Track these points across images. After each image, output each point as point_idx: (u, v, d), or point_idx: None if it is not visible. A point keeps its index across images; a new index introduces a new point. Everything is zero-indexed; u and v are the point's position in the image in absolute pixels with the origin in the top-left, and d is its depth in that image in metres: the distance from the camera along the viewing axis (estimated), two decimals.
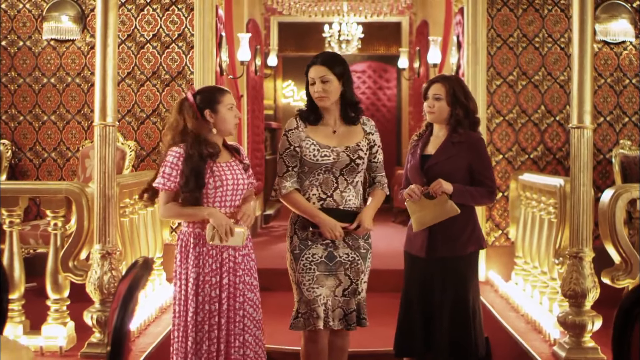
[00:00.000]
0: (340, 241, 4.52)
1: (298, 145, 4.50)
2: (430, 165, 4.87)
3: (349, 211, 4.53)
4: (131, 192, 6.37)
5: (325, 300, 4.50)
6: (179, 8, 7.98)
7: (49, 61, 8.07)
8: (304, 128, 4.54)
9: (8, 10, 8.10)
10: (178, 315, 4.50)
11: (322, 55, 4.59)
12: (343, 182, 4.51)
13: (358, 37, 13.48)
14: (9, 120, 8.09)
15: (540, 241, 6.67)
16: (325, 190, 4.51)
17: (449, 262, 4.86)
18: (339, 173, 4.50)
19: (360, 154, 4.52)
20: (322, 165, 4.48)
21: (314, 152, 4.48)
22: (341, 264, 4.53)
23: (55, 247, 5.58)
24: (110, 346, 3.04)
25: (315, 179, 4.51)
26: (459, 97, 4.87)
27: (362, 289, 4.62)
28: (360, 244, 4.59)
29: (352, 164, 4.50)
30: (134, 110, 7.99)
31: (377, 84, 16.12)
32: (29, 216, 7.73)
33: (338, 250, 4.53)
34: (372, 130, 4.65)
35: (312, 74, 4.52)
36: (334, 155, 4.48)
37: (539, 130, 7.93)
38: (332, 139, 4.54)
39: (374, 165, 4.66)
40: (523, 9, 7.91)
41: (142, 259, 3.34)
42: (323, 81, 4.47)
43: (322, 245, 4.52)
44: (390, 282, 7.63)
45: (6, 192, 5.59)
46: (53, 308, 5.59)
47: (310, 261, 4.50)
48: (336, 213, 4.49)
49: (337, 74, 4.49)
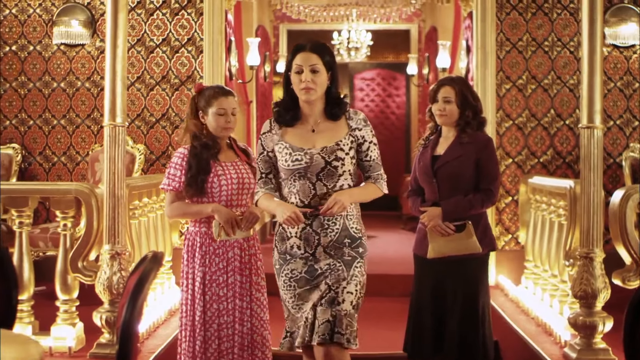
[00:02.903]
0: (321, 253, 4.00)
1: (271, 150, 4.08)
2: (440, 165, 4.86)
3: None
4: (140, 194, 6.38)
5: (306, 314, 4.02)
6: (188, 13, 8.00)
7: (59, 66, 8.09)
8: (278, 130, 4.08)
9: (18, 15, 8.13)
10: (185, 315, 4.50)
11: (312, 43, 4.05)
12: (322, 188, 3.98)
13: (367, 45, 13.49)
14: (19, 124, 8.11)
15: (551, 244, 6.64)
16: (303, 198, 3.98)
17: (460, 263, 4.82)
18: (315, 178, 3.98)
19: (338, 154, 3.97)
20: (295, 171, 3.99)
21: (286, 157, 4.00)
22: (322, 275, 4.02)
23: (64, 248, 5.59)
24: (119, 340, 3.04)
25: (292, 185, 4.01)
26: (468, 99, 4.88)
27: (344, 299, 3.96)
28: (344, 252, 4.03)
29: (328, 167, 3.96)
30: (144, 114, 8.00)
31: (386, 91, 16.12)
32: (39, 220, 7.75)
33: (319, 263, 4.02)
34: (359, 125, 4.07)
35: (300, 60, 3.98)
36: (307, 159, 3.96)
37: (549, 134, 7.91)
38: (309, 139, 4.02)
39: (366, 165, 4.11)
40: (532, 13, 7.90)
41: (151, 253, 3.34)
42: (313, 71, 3.96)
43: (302, 259, 4.02)
44: (399, 287, 7.64)
45: (16, 192, 5.61)
46: (62, 309, 5.59)
47: (289, 277, 4.05)
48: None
49: (327, 64, 4.00)
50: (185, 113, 4.76)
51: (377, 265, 8.49)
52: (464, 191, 4.83)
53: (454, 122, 4.90)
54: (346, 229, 4.04)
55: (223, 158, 4.53)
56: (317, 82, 3.97)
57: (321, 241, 4.01)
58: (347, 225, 4.05)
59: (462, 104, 4.85)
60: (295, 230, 4.01)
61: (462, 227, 4.79)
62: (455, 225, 4.78)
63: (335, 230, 4.02)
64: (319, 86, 3.98)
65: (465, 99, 4.86)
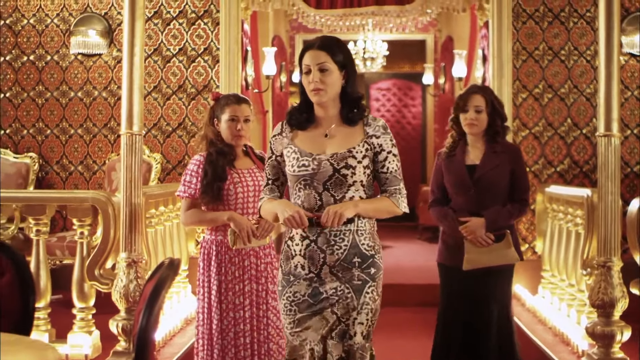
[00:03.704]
0: (326, 273, 3.54)
1: (280, 154, 3.68)
2: (479, 175, 4.76)
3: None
4: (157, 202, 6.39)
5: (312, 345, 3.59)
6: (204, 22, 8.03)
7: (76, 75, 8.13)
8: (289, 133, 3.68)
9: (36, 25, 8.18)
10: (202, 324, 4.50)
11: (322, 39, 3.64)
12: (328, 198, 3.54)
13: (383, 55, 13.48)
14: (37, 133, 8.16)
15: (568, 253, 6.61)
16: (308, 210, 3.54)
17: (494, 274, 4.75)
18: (322, 187, 3.54)
19: (350, 162, 3.53)
20: (300, 178, 3.57)
21: (293, 162, 3.60)
22: (327, 300, 3.57)
23: (81, 256, 5.61)
24: (135, 348, 3.04)
25: (297, 195, 3.60)
26: (497, 107, 4.82)
27: (356, 332, 3.56)
28: (353, 274, 3.56)
29: (337, 176, 3.53)
30: (160, 123, 8.03)
31: (402, 101, 16.10)
32: (56, 229, 7.78)
33: (324, 285, 3.56)
34: (377, 133, 3.63)
35: (308, 59, 3.59)
36: (314, 165, 3.55)
37: (566, 144, 7.88)
38: (320, 145, 3.62)
39: (382, 177, 3.64)
40: (549, 22, 7.88)
41: (168, 260, 3.35)
42: (321, 70, 3.56)
43: (306, 280, 3.57)
44: (415, 297, 7.61)
45: (33, 200, 5.64)
46: (79, 317, 5.61)
47: (291, 301, 3.60)
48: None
49: (339, 62, 3.59)
50: (203, 121, 4.77)
51: (393, 275, 8.47)
52: (501, 201, 4.77)
53: (482, 132, 4.83)
54: (356, 245, 3.56)
55: (239, 165, 4.54)
56: (326, 82, 3.56)
57: (327, 260, 3.54)
58: (357, 241, 3.57)
59: (491, 112, 4.78)
60: (300, 248, 3.57)
61: (500, 237, 4.73)
62: (494, 236, 4.70)
63: (343, 247, 3.55)
64: (329, 86, 3.56)
65: (494, 108, 4.80)
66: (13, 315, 3.72)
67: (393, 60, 14.53)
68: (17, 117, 8.18)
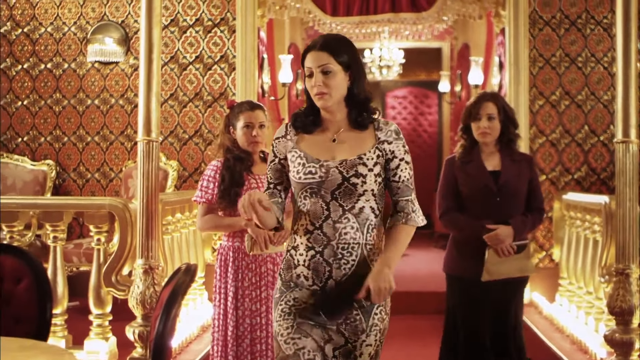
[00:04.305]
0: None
1: (284, 157, 3.41)
2: (504, 182, 4.61)
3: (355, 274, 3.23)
4: (173, 209, 6.41)
5: (311, 355, 3.23)
6: (221, 30, 8.05)
7: (93, 83, 8.17)
8: (294, 136, 3.41)
9: (54, 34, 8.22)
10: (218, 330, 4.50)
11: (324, 38, 3.35)
12: (337, 209, 3.24)
13: (399, 63, 13.46)
14: (54, 141, 8.19)
15: (586, 261, 6.57)
16: (314, 220, 3.25)
17: (513, 284, 4.65)
18: (330, 197, 3.25)
19: (360, 169, 3.24)
20: (306, 186, 3.28)
21: (298, 168, 3.31)
22: None
23: (98, 263, 5.62)
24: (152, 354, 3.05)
25: (302, 204, 3.31)
26: (509, 114, 4.70)
27: (362, 353, 3.28)
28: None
29: (346, 184, 3.23)
30: (177, 131, 8.05)
31: (418, 109, 16.09)
32: (72, 236, 7.81)
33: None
34: (389, 138, 3.33)
35: (310, 61, 3.31)
36: (322, 172, 3.26)
37: (583, 151, 7.84)
38: (327, 150, 3.33)
39: (394, 186, 3.35)
40: (565, 29, 7.86)
41: (184, 266, 3.35)
42: (324, 72, 3.26)
43: (309, 290, 3.26)
44: (431, 304, 7.58)
45: (51, 207, 5.67)
46: (95, 323, 5.62)
47: (290, 305, 3.27)
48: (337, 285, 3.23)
49: (344, 63, 3.29)
50: (219, 129, 4.78)
51: (409, 282, 8.46)
52: (522, 209, 4.65)
53: (494, 140, 4.69)
54: (364, 261, 3.25)
55: (256, 171, 4.54)
56: (330, 85, 3.26)
57: (333, 274, 3.23)
58: (366, 256, 3.26)
59: (504, 119, 4.65)
60: (304, 258, 3.26)
61: (522, 248, 4.60)
62: (516, 246, 4.57)
63: (351, 262, 3.23)
64: (333, 89, 3.27)
65: (507, 115, 4.67)
66: (30, 321, 3.74)
67: (409, 68, 14.51)
68: (34, 124, 8.23)
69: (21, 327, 3.70)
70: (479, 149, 4.73)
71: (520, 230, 4.57)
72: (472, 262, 4.59)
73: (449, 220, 4.74)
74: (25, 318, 3.74)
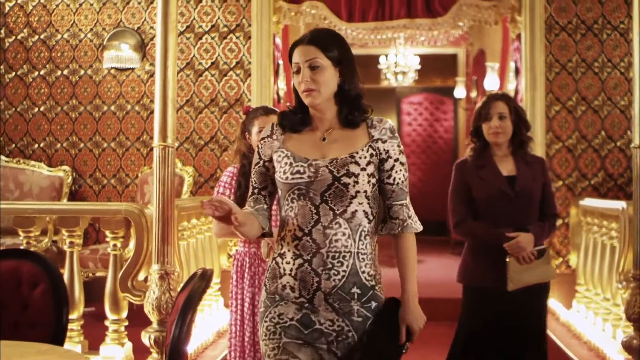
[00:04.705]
0: (320, 300, 2.98)
1: (269, 160, 3.17)
2: (521, 187, 4.43)
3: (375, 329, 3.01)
4: (189, 215, 6.41)
5: None
6: (236, 36, 8.06)
7: (109, 89, 8.20)
8: (280, 135, 3.19)
9: (70, 40, 8.26)
10: (235, 336, 4.49)
11: (312, 32, 3.16)
12: (327, 213, 2.99)
13: (414, 69, 13.46)
14: (70, 147, 8.22)
15: (603, 267, 6.54)
16: (302, 224, 3.01)
17: (535, 291, 4.49)
18: (319, 199, 3.00)
19: (352, 168, 3.00)
20: (294, 187, 3.04)
21: (285, 168, 3.07)
22: (322, 334, 3.00)
23: (114, 268, 5.63)
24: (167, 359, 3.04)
25: (290, 207, 3.07)
26: (521, 115, 4.54)
27: None
28: (353, 309, 3.00)
29: (337, 185, 2.99)
30: (192, 137, 8.07)
31: (434, 115, 16.06)
32: (88, 242, 7.83)
33: (318, 314, 3.00)
34: (383, 136, 3.10)
35: (297, 56, 3.10)
36: (311, 172, 3.02)
37: (600, 156, 7.81)
38: (317, 149, 3.11)
39: (388, 189, 3.10)
40: (582, 34, 7.83)
41: (200, 271, 3.34)
42: (312, 67, 3.06)
43: (295, 304, 3.01)
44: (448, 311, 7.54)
45: (67, 212, 5.67)
46: (111, 328, 5.62)
47: (275, 323, 3.03)
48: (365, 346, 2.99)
49: (333, 58, 3.09)
50: (235, 135, 4.79)
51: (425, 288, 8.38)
52: (537, 215, 4.50)
53: (506, 142, 4.51)
54: (356, 273, 3.00)
55: None
56: (318, 81, 3.05)
57: (321, 285, 2.99)
58: (358, 267, 3.01)
59: (516, 120, 4.49)
60: (291, 267, 3.02)
61: (542, 253, 4.46)
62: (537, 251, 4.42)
63: (342, 274, 2.99)
64: (322, 86, 3.06)
65: (518, 115, 4.50)
66: (47, 326, 3.74)
67: (424, 74, 14.51)
68: (51, 130, 8.26)
69: (38, 331, 3.71)
70: (490, 152, 4.56)
71: (539, 236, 4.44)
72: (492, 272, 4.41)
73: (465, 229, 4.56)
74: (41, 323, 3.75)
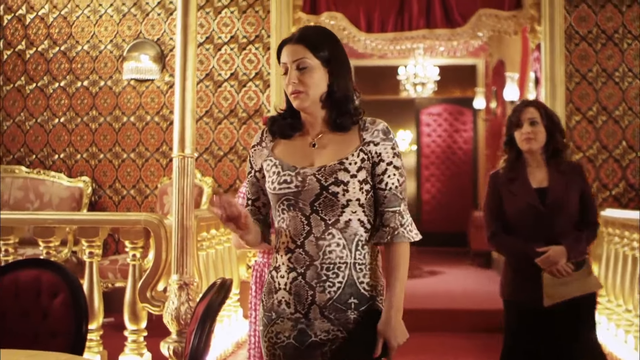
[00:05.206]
0: (316, 314, 2.83)
1: (259, 169, 3.02)
2: (552, 199, 4.29)
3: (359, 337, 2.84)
4: (208, 226, 6.40)
5: None
6: (255, 47, 8.08)
7: (129, 100, 8.23)
8: (269, 143, 3.01)
9: (90, 52, 8.30)
10: (254, 347, 4.48)
11: (301, 30, 3.03)
12: (318, 223, 2.83)
13: (434, 80, 13.45)
14: (90, 158, 8.26)
15: (625, 278, 6.48)
16: (295, 236, 2.86)
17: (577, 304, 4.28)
18: (309, 209, 2.83)
19: (341, 176, 2.82)
20: (282, 197, 2.88)
21: (273, 177, 2.92)
22: (317, 347, 2.86)
23: (133, 278, 5.63)
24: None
25: (282, 219, 2.91)
26: (555, 120, 4.39)
27: None
28: (349, 317, 2.84)
29: (325, 194, 2.81)
30: (212, 148, 8.08)
31: (453, 126, 16.05)
32: (108, 252, 7.85)
33: (313, 327, 2.84)
34: (375, 138, 2.90)
35: (284, 57, 2.93)
36: (298, 181, 2.85)
37: (621, 167, 7.76)
38: (305, 156, 2.93)
39: (380, 195, 2.89)
40: (602, 44, 7.79)
41: (220, 280, 3.33)
42: (299, 67, 2.88)
43: (291, 320, 2.87)
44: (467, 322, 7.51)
45: (87, 222, 5.68)
46: (130, 339, 5.62)
47: (273, 343, 2.90)
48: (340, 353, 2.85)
49: (323, 57, 2.91)
50: None
51: (445, 300, 8.39)
52: (574, 226, 4.32)
53: (540, 148, 4.37)
54: (353, 284, 2.84)
55: None
56: (306, 83, 2.87)
57: (316, 298, 2.84)
58: (355, 278, 2.85)
59: (549, 126, 4.34)
60: (285, 281, 2.88)
61: (580, 264, 4.29)
62: (572, 263, 4.25)
63: (337, 285, 2.83)
64: (310, 87, 2.87)
65: (551, 121, 4.36)
66: (66, 336, 3.74)
67: (443, 85, 14.50)
68: (71, 141, 8.30)
69: (57, 341, 3.71)
70: (524, 162, 4.43)
71: (574, 248, 4.26)
72: (529, 286, 4.29)
73: (497, 243, 4.48)
74: (61, 332, 3.75)
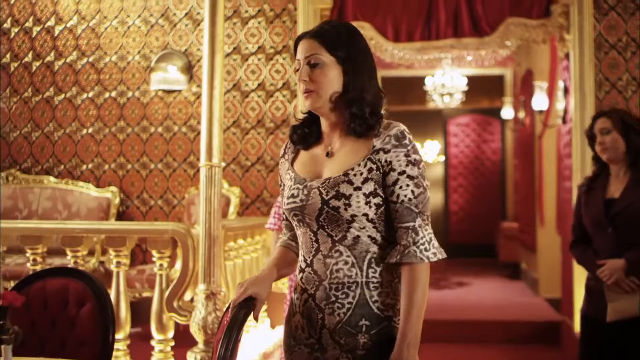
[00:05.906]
0: (327, 339, 2.59)
1: (283, 183, 2.81)
2: (618, 210, 4.15)
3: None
4: (236, 235, 6.40)
5: None
6: (283, 57, 8.08)
7: (157, 111, 8.26)
8: (290, 154, 2.80)
9: (118, 62, 8.34)
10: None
11: (320, 25, 2.71)
12: (325, 240, 2.59)
13: (462, 90, 13.40)
14: (118, 168, 8.29)
15: None
16: (306, 254, 2.65)
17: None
18: (316, 225, 2.59)
19: (342, 189, 2.54)
20: (291, 212, 2.66)
21: (286, 191, 2.74)
22: None
23: (160, 288, 5.63)
24: None
25: (298, 235, 2.73)
26: (633, 125, 4.22)
27: None
28: (358, 342, 2.55)
29: (326, 209, 2.55)
30: (239, 158, 8.08)
31: (481, 137, 15.98)
32: (135, 262, 7.86)
33: (325, 354, 2.61)
34: (386, 145, 2.56)
35: (299, 53, 2.67)
36: (303, 195, 2.62)
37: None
38: (317, 167, 2.68)
39: (392, 208, 2.56)
40: (632, 52, 7.71)
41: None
42: (310, 63, 2.61)
43: (307, 346, 2.66)
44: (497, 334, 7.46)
45: (114, 232, 5.70)
46: (157, 348, 5.62)
47: None
48: None
49: (338, 55, 2.61)
50: None
51: (473, 311, 8.33)
52: None
53: (621, 155, 4.24)
54: (364, 304, 2.57)
55: None
56: (317, 80, 2.60)
57: (326, 321, 2.61)
58: (367, 297, 2.57)
59: (626, 132, 4.20)
60: (299, 303, 2.70)
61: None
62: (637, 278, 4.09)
63: (347, 306, 2.57)
64: (322, 87, 2.60)
65: (628, 127, 4.20)
66: (93, 344, 3.76)
67: (471, 95, 14.44)
68: (99, 152, 8.34)
69: (85, 349, 3.72)
70: (607, 173, 4.35)
71: (636, 262, 4.08)
72: (596, 300, 4.23)
73: (573, 254, 4.49)
74: (88, 341, 3.77)
